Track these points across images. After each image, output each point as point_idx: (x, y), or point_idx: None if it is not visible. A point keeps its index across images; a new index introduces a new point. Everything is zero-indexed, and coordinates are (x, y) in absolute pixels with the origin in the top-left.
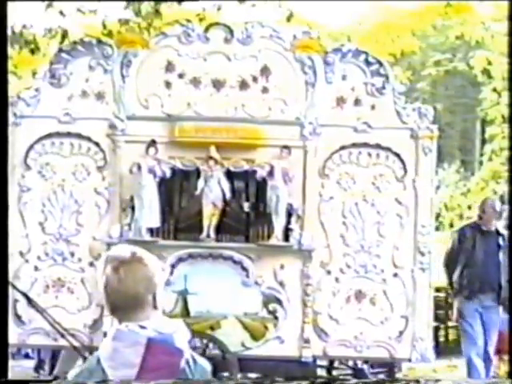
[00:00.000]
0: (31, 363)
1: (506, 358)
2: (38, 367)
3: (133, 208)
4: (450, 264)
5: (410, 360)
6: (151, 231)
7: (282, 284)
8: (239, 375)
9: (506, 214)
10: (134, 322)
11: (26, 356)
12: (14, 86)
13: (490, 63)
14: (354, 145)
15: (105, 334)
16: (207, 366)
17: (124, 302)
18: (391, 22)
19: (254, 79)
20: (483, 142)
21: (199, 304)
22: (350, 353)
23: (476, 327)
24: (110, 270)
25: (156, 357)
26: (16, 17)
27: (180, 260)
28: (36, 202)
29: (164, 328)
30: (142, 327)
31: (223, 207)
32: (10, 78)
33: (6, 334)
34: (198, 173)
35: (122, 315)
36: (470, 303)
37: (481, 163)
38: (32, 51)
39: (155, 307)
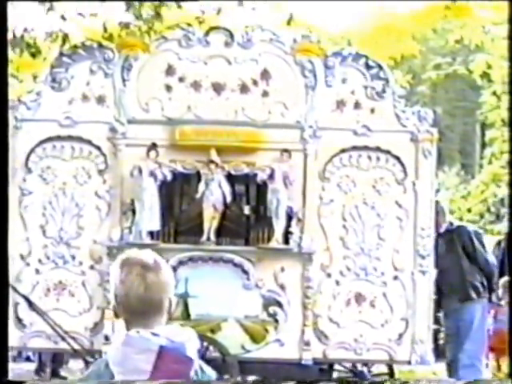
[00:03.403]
0: (32, 366)
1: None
2: (39, 370)
3: (133, 211)
4: None
5: (409, 362)
6: (151, 234)
7: (282, 287)
8: (239, 378)
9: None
10: (146, 329)
11: (27, 359)
12: (15, 90)
13: (489, 67)
14: (354, 148)
15: (106, 337)
16: (213, 374)
17: (148, 308)
18: (391, 25)
19: (255, 83)
20: (483, 145)
21: (200, 307)
22: (350, 355)
23: None
24: (134, 276)
25: (167, 365)
26: (17, 20)
27: (180, 263)
28: (37, 205)
29: (176, 336)
30: (155, 334)
31: (224, 210)
32: (12, 81)
33: (6, 335)
34: (198, 176)
35: (139, 320)
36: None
37: (481, 166)
38: (33, 55)
39: (169, 313)
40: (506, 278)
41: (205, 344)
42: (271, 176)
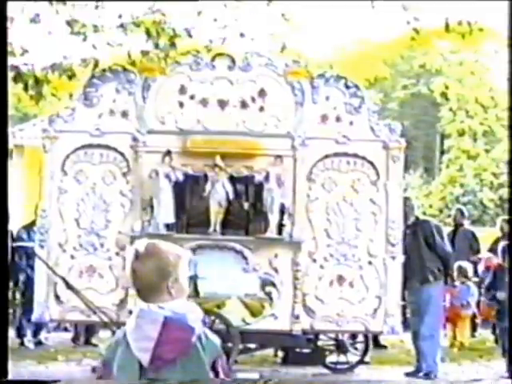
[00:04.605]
0: (69, 335)
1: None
2: (75, 338)
3: (152, 207)
4: None
5: (382, 332)
6: (167, 226)
7: (276, 270)
8: (241, 345)
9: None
10: (153, 303)
11: (65, 329)
12: (54, 107)
13: (447, 87)
14: (336, 154)
15: (130, 312)
16: (217, 341)
17: (142, 288)
18: (366, 53)
19: (253, 100)
20: (442, 152)
21: (207, 287)
22: (332, 327)
23: None
24: (129, 262)
25: (170, 332)
26: (57, 49)
27: (191, 250)
28: (72, 201)
29: (178, 309)
30: (161, 307)
31: (227, 206)
32: (51, 99)
33: (5, 336)
34: (206, 178)
35: (145, 297)
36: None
37: (440, 170)
38: (69, 77)
39: (169, 293)
40: (459, 263)
41: (212, 317)
42: (266, 178)
